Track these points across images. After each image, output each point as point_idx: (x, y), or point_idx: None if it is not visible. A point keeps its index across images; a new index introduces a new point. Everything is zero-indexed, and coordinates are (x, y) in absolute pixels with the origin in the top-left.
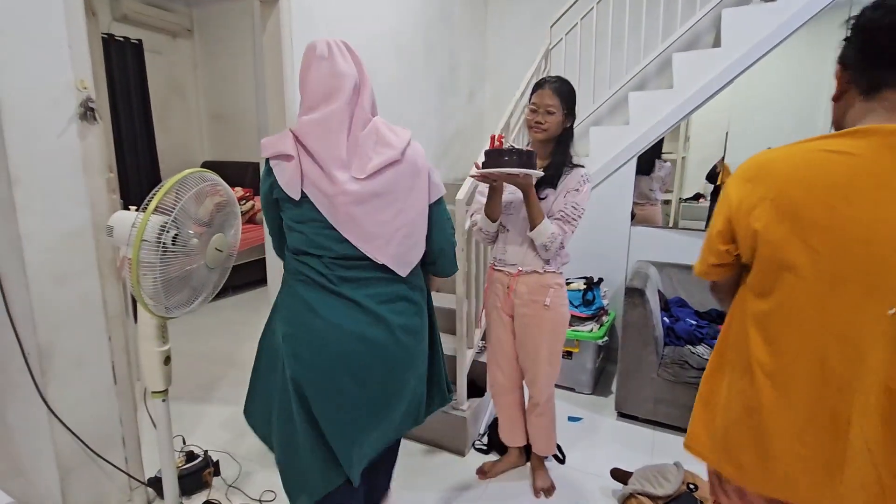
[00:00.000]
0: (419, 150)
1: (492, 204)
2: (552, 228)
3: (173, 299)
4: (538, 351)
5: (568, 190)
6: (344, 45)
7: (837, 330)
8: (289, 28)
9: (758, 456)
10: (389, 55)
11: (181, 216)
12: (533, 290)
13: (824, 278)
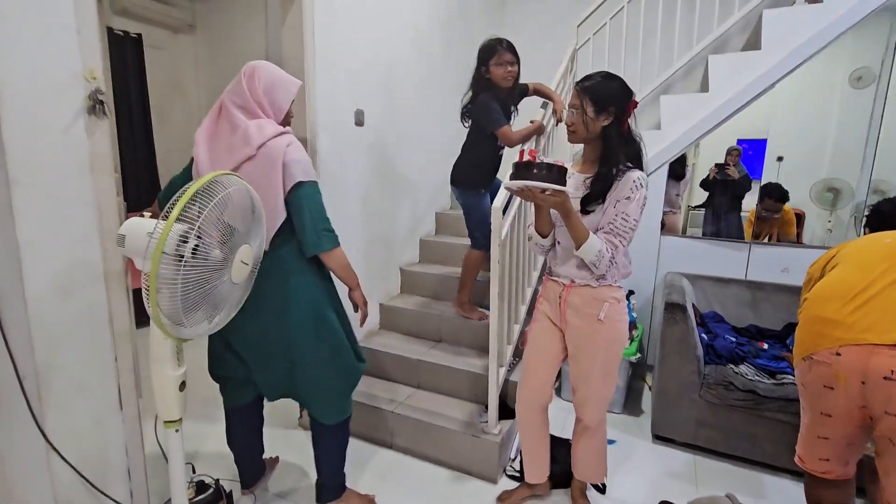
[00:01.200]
0: (279, 145)
1: (539, 219)
2: (598, 245)
3: (193, 319)
4: (591, 368)
5: (618, 199)
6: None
7: None
8: (311, 21)
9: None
10: (408, 50)
11: (205, 225)
12: (587, 302)
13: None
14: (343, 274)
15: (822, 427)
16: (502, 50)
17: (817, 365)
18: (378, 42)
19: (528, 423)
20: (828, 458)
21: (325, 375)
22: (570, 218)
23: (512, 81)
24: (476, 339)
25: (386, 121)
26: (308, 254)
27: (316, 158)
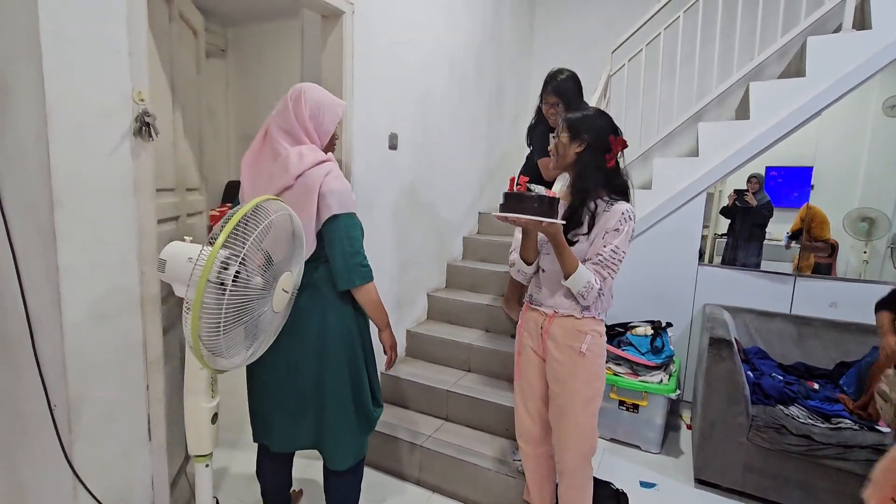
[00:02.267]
0: (317, 175)
1: (525, 246)
2: (587, 277)
3: (233, 349)
4: (568, 406)
5: (606, 230)
6: (290, 93)
7: None
8: (351, 46)
9: None
10: (443, 74)
11: (249, 252)
12: (568, 334)
13: None
14: (373, 312)
15: None
16: (548, 92)
17: None
18: (414, 68)
19: (531, 457)
20: None
21: (344, 418)
22: (561, 248)
23: (555, 120)
24: (507, 369)
25: (418, 145)
26: (339, 288)
27: (351, 180)
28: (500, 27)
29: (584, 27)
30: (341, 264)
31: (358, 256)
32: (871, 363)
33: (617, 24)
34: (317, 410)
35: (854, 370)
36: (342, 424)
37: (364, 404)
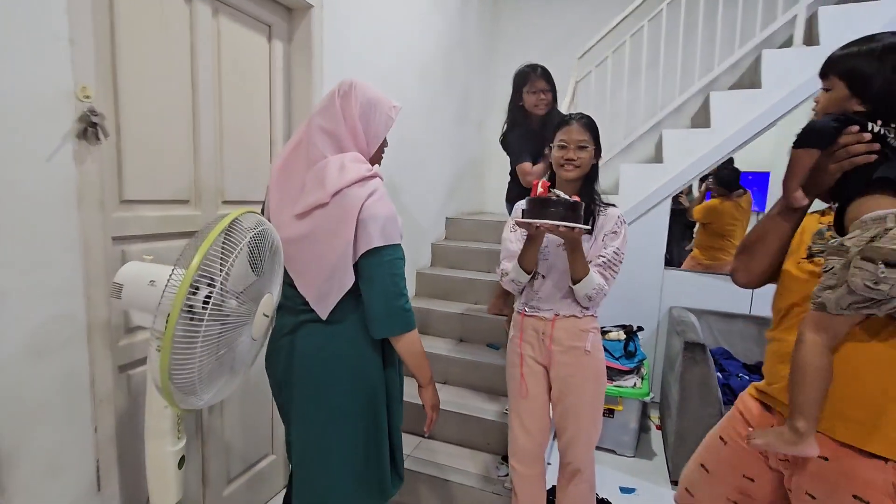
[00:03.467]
0: (358, 196)
1: (529, 255)
2: (597, 280)
3: (209, 385)
4: (580, 405)
5: (605, 234)
6: (338, 88)
7: None
8: (320, 41)
9: None
10: (414, 78)
11: (229, 274)
12: (572, 334)
13: None
14: (414, 364)
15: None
16: (535, 77)
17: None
18: (385, 69)
19: (526, 477)
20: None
21: (344, 487)
22: (578, 253)
23: (545, 109)
24: (485, 380)
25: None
26: (375, 335)
27: None
28: (466, 32)
29: (548, 34)
30: (380, 308)
31: (401, 299)
32: None
33: (580, 31)
34: (314, 472)
35: None
36: (336, 493)
37: (376, 476)
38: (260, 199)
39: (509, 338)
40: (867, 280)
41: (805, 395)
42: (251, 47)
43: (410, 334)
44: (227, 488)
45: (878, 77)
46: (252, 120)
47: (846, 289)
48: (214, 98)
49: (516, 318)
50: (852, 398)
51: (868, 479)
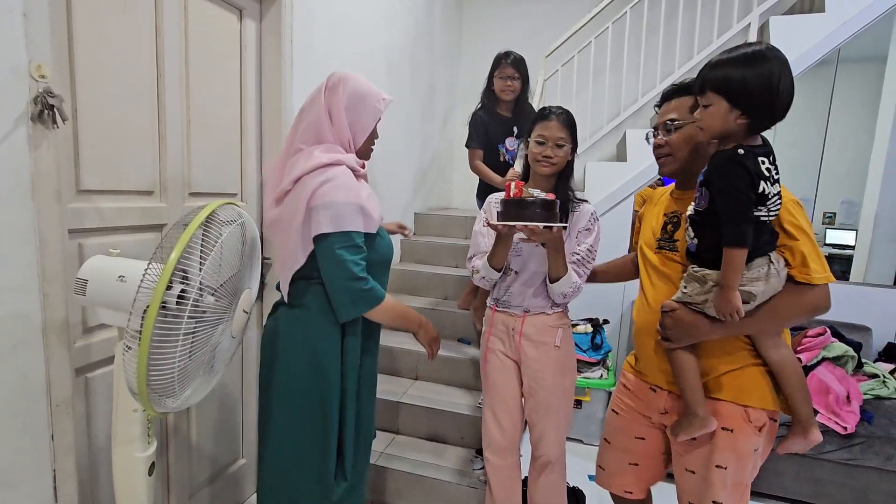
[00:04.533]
0: (312, 183)
1: (499, 253)
2: (574, 278)
3: (187, 387)
4: (550, 399)
5: (579, 230)
6: (327, 80)
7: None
8: (289, 27)
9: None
10: (381, 72)
11: (208, 270)
12: (542, 330)
13: None
14: (398, 323)
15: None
16: (506, 63)
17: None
18: (354, 61)
19: (501, 468)
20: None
21: (283, 466)
22: (558, 252)
23: (511, 95)
24: (458, 375)
25: None
26: (340, 319)
27: None
28: (432, 27)
29: (514, 32)
30: (336, 292)
31: (357, 282)
32: None
33: (546, 30)
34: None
35: None
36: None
37: (318, 460)
38: (230, 191)
39: (481, 332)
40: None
41: (692, 391)
42: (222, 29)
43: (380, 307)
44: (193, 494)
45: (754, 84)
46: (223, 106)
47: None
48: (182, 82)
49: (487, 312)
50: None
51: (726, 414)
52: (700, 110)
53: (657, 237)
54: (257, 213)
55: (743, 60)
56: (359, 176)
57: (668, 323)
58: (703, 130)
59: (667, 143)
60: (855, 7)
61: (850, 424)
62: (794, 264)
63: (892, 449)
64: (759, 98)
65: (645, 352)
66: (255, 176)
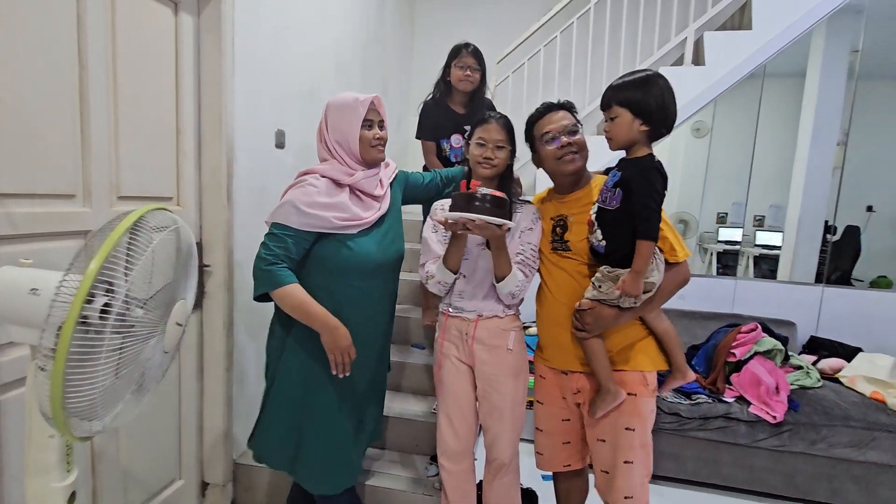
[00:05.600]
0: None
1: (454, 253)
2: (520, 276)
3: (112, 408)
4: (503, 402)
5: (522, 230)
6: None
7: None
8: (231, 23)
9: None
10: (330, 71)
11: (136, 279)
12: (494, 334)
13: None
14: (299, 317)
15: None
16: (466, 53)
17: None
18: (301, 60)
19: (456, 474)
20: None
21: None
22: (502, 250)
23: (469, 87)
24: (412, 381)
25: (307, 144)
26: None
27: (232, 182)
28: (384, 29)
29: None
30: (253, 273)
31: (260, 262)
32: (716, 345)
33: (498, 36)
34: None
35: (702, 352)
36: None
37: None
38: (166, 194)
39: (435, 337)
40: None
41: (604, 369)
42: (154, 22)
43: (279, 291)
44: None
45: (650, 99)
46: (157, 104)
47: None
48: (109, 77)
49: (441, 318)
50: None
51: (629, 381)
52: (608, 123)
53: (549, 239)
54: (196, 217)
55: (641, 81)
56: (341, 183)
57: (589, 320)
58: (612, 140)
59: (576, 142)
60: (779, 25)
61: (780, 414)
62: (666, 250)
63: (815, 434)
64: (656, 108)
65: (559, 341)
66: (194, 178)
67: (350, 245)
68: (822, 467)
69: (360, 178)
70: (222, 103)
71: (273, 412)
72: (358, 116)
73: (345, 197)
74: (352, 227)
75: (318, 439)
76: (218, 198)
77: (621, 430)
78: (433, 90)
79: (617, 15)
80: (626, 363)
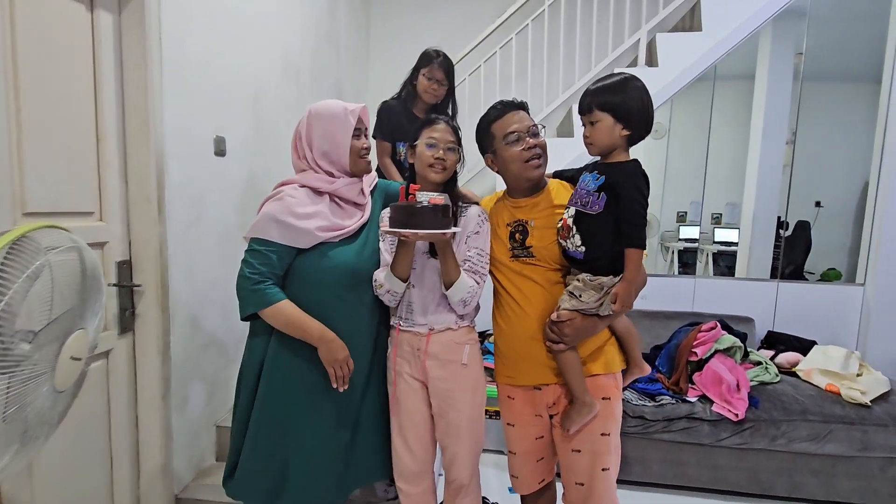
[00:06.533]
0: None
1: (402, 260)
2: (469, 281)
3: None
4: (460, 420)
5: (468, 235)
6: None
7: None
8: (157, 19)
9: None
10: (277, 74)
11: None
12: (448, 348)
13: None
14: (293, 332)
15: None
16: (436, 65)
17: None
18: (243, 63)
19: (414, 496)
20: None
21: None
22: (448, 254)
23: (433, 100)
24: None
25: (252, 151)
26: (240, 316)
27: (165, 194)
28: (336, 29)
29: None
30: (237, 294)
31: (245, 281)
32: (678, 344)
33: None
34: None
35: (665, 352)
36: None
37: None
38: (86, 209)
39: (388, 354)
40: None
41: (579, 381)
42: (64, 19)
43: (270, 310)
44: None
45: (631, 102)
46: (71, 109)
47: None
48: (7, 78)
49: (392, 333)
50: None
51: (602, 385)
52: (587, 128)
53: (508, 246)
54: (123, 233)
55: (619, 85)
56: (321, 192)
57: (568, 331)
58: (593, 145)
59: (540, 145)
60: (728, 26)
61: (741, 411)
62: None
63: (776, 430)
64: (636, 111)
65: (532, 356)
66: (120, 190)
67: (330, 255)
68: (782, 462)
69: (340, 185)
70: (149, 107)
71: (252, 441)
72: (349, 127)
73: (325, 205)
74: (333, 236)
75: (305, 468)
76: (147, 211)
77: (598, 436)
78: (400, 89)
79: (571, 16)
80: (597, 366)
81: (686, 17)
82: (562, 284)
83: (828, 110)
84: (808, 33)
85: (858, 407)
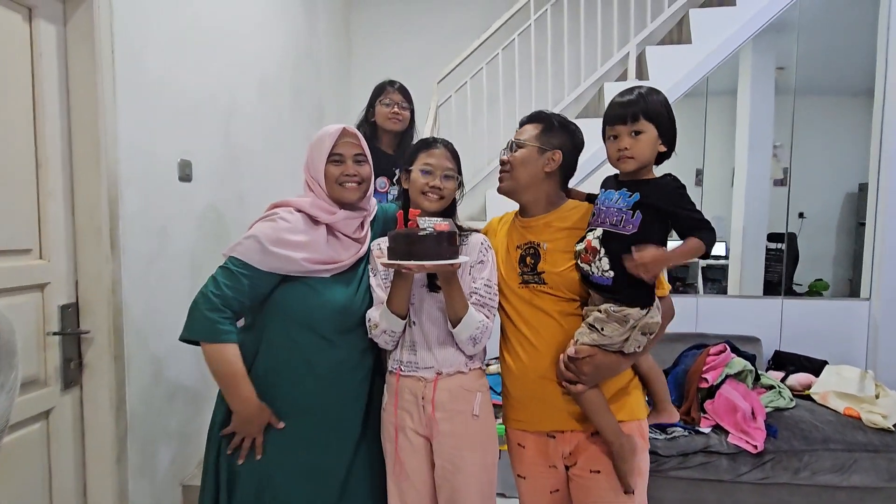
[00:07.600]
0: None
1: (399, 294)
2: (478, 317)
3: None
4: (469, 484)
5: (472, 265)
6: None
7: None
8: (108, 32)
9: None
10: (252, 94)
11: None
12: (456, 396)
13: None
14: (218, 383)
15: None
16: (392, 90)
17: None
18: (213, 81)
19: None
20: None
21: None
22: (453, 286)
23: (398, 126)
24: None
25: (223, 175)
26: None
27: (119, 224)
28: (316, 47)
29: (405, 57)
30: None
31: (203, 301)
32: (687, 370)
33: (438, 55)
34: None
35: (671, 378)
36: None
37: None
38: (22, 246)
39: (383, 405)
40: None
41: (610, 422)
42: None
43: (212, 347)
44: None
45: (671, 116)
46: (2, 130)
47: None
48: None
49: (390, 380)
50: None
51: (627, 433)
52: (626, 140)
53: (518, 272)
54: (69, 271)
55: (660, 95)
56: (318, 221)
57: (587, 369)
58: (633, 159)
59: (509, 161)
60: (717, 39)
61: (759, 442)
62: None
63: (798, 462)
64: (672, 127)
65: (544, 398)
66: (64, 223)
67: (320, 290)
68: (808, 497)
69: (340, 218)
70: (100, 127)
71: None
72: (323, 152)
73: (320, 235)
74: (325, 270)
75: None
76: (97, 245)
77: (621, 495)
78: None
79: (558, 30)
80: (621, 413)
81: (674, 31)
82: (577, 317)
83: (809, 121)
84: (788, 48)
85: (882, 432)
